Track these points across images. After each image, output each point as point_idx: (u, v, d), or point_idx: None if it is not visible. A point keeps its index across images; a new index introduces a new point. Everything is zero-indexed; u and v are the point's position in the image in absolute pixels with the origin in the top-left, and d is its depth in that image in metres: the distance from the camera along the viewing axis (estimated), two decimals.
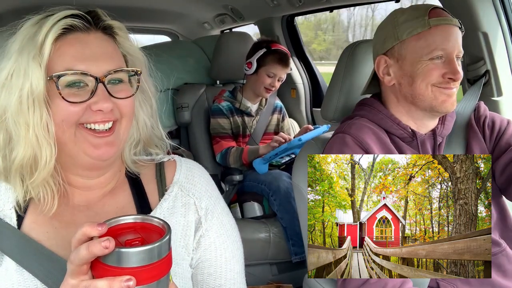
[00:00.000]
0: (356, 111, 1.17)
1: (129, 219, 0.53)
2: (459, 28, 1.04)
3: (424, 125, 1.09)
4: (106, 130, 0.68)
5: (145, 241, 0.49)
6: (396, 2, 1.95)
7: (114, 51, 0.71)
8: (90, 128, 0.68)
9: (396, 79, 1.08)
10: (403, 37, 1.03)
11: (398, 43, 1.05)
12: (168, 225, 0.52)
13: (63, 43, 0.67)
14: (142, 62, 0.77)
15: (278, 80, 2.15)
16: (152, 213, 0.75)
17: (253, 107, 2.24)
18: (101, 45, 0.69)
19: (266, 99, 2.27)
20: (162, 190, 0.78)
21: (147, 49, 0.80)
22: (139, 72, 0.73)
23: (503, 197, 1.09)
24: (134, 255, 0.47)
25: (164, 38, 3.99)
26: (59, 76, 0.65)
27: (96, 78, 0.66)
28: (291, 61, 2.18)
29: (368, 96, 1.21)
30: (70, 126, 0.67)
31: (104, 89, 0.67)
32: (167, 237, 0.49)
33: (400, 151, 1.07)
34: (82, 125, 0.67)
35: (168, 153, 0.85)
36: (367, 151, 1.03)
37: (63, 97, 0.65)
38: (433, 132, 1.09)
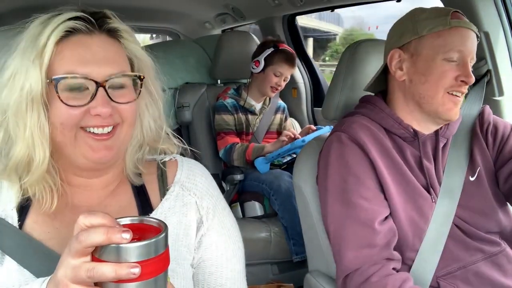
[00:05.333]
0: (358, 108, 1.16)
1: (126, 220, 0.53)
2: (476, 35, 1.04)
3: (426, 127, 1.09)
4: (106, 133, 0.68)
5: (142, 239, 0.50)
6: (397, 1, 1.94)
7: (117, 55, 0.70)
8: (90, 131, 0.67)
9: (408, 75, 1.07)
10: (423, 32, 1.03)
11: (416, 39, 1.04)
12: (165, 224, 0.52)
13: (65, 46, 0.66)
14: (149, 66, 0.75)
15: (284, 80, 2.16)
16: (153, 213, 0.75)
17: (257, 105, 2.24)
18: (104, 48, 0.68)
19: (270, 99, 2.28)
20: (163, 189, 0.78)
21: (148, 48, 0.79)
22: (142, 77, 0.71)
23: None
24: (132, 250, 0.47)
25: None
26: (59, 80, 0.64)
27: (96, 82, 0.65)
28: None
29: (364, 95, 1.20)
30: (70, 129, 0.66)
31: (104, 94, 0.66)
32: (164, 233, 0.50)
33: (401, 150, 1.07)
34: (82, 128, 0.67)
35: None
36: (363, 150, 1.03)
37: (62, 101, 0.65)
38: (436, 132, 1.09)
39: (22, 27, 0.69)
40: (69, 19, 0.66)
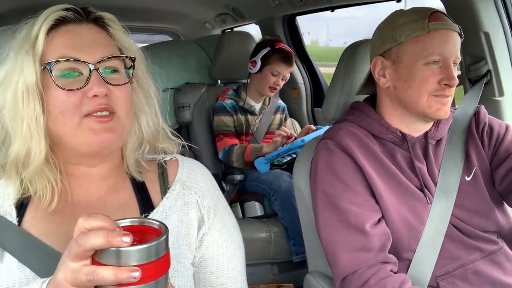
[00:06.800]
0: (346, 115, 1.17)
1: (126, 222, 0.53)
2: (459, 34, 1.02)
3: (416, 129, 1.09)
4: (106, 115, 0.68)
5: (142, 242, 0.50)
6: (397, 1, 1.95)
7: (106, 41, 0.72)
8: (93, 115, 0.68)
9: (391, 81, 1.07)
10: (401, 39, 1.02)
11: (396, 45, 1.04)
12: (166, 226, 0.52)
13: (56, 34, 0.68)
14: (138, 56, 0.77)
15: (282, 79, 2.15)
16: (154, 211, 0.75)
17: (256, 106, 2.24)
18: (93, 34, 0.71)
19: (269, 99, 2.28)
20: (164, 188, 0.79)
21: (148, 48, 0.80)
22: (133, 58, 0.73)
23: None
24: (132, 253, 0.47)
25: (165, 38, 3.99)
26: (52, 64, 0.66)
27: (90, 65, 0.67)
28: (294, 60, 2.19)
29: (363, 97, 1.20)
30: (71, 117, 0.67)
31: (98, 75, 0.67)
32: (164, 236, 0.50)
33: (390, 154, 1.07)
34: (85, 116, 0.67)
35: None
36: (351, 156, 1.04)
37: (58, 86, 0.66)
38: (425, 134, 1.09)
39: (20, 27, 0.70)
40: (58, 10, 0.69)
